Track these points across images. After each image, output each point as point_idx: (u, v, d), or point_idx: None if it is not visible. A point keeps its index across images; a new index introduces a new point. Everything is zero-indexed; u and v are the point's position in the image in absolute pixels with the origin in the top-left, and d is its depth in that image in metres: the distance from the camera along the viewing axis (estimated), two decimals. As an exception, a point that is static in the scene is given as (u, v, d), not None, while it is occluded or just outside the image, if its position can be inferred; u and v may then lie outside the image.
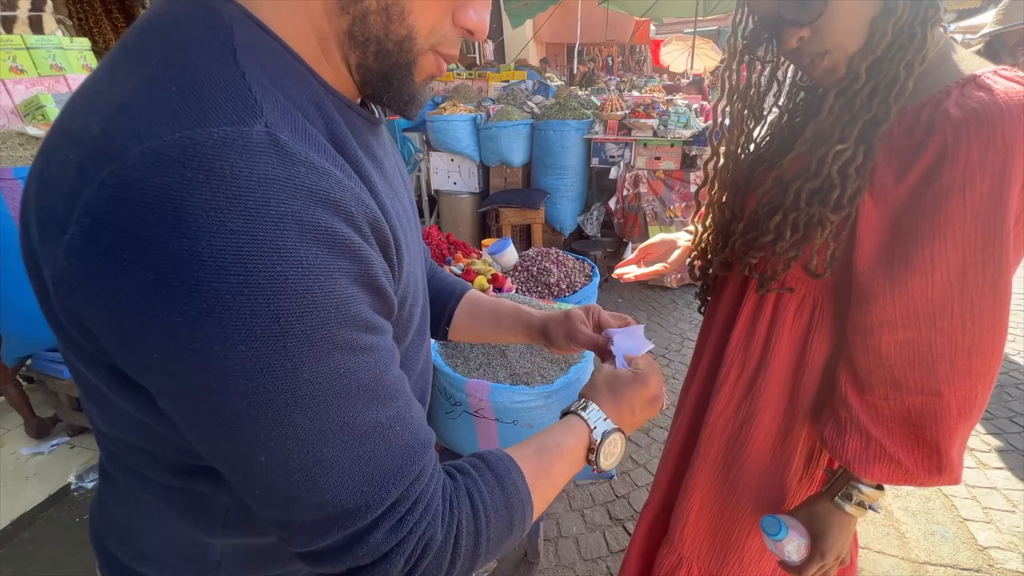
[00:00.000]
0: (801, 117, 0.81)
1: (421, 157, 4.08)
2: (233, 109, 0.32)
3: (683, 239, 1.01)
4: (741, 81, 0.80)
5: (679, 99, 4.15)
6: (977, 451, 2.07)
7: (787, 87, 0.82)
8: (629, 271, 1.00)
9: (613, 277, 1.03)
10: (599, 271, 2.48)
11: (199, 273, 0.29)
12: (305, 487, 0.35)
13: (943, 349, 0.63)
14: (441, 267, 0.78)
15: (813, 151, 0.68)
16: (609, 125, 3.58)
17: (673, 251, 1.00)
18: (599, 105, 3.79)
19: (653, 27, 11.87)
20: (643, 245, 1.05)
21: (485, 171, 3.89)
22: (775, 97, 0.81)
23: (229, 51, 0.34)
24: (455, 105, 3.82)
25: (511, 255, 2.40)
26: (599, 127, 3.63)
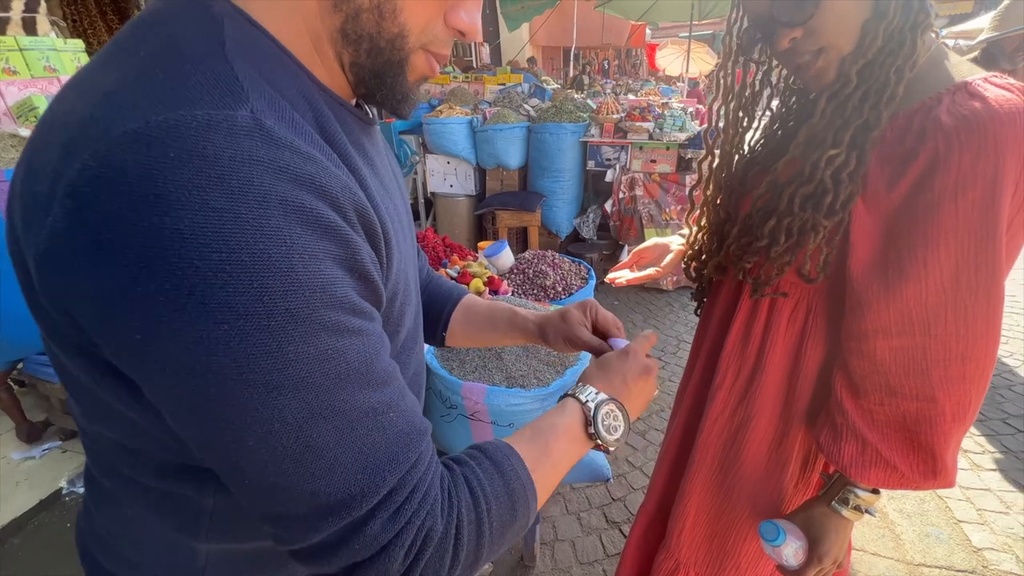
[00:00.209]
0: (794, 121, 0.81)
1: (417, 159, 4.08)
2: (219, 95, 0.32)
3: (676, 243, 1.01)
4: (736, 82, 0.80)
5: (674, 102, 4.17)
6: (971, 453, 2.08)
7: (781, 89, 0.82)
8: (622, 275, 1.00)
9: (606, 282, 1.03)
10: (595, 273, 2.48)
11: (180, 250, 0.29)
12: (296, 474, 0.34)
13: (937, 355, 0.63)
14: (438, 273, 0.78)
15: (806, 155, 0.68)
16: (605, 128, 3.59)
17: (666, 255, 1.00)
18: (595, 108, 3.81)
19: (649, 31, 11.93)
20: (636, 249, 1.05)
21: (481, 174, 3.89)
22: (768, 99, 0.82)
23: (218, 44, 0.34)
24: (451, 108, 3.82)
25: (507, 258, 2.40)
26: (595, 130, 3.64)
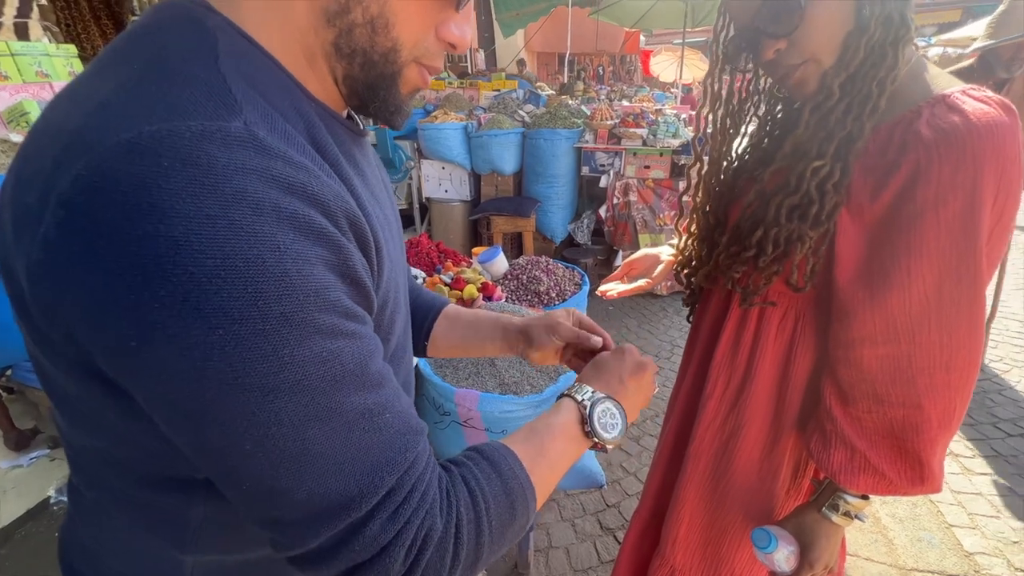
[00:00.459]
0: (780, 130, 0.82)
1: (412, 165, 4.08)
2: (213, 107, 0.32)
3: (666, 253, 1.02)
4: (723, 90, 0.81)
5: (668, 109, 4.20)
6: (961, 457, 2.09)
7: (766, 98, 0.83)
8: (613, 287, 1.00)
9: (597, 294, 1.04)
10: (589, 279, 2.49)
11: (175, 257, 0.29)
12: (294, 478, 0.34)
13: (922, 363, 0.64)
14: (420, 285, 0.80)
15: (792, 166, 0.69)
16: (599, 134, 3.61)
17: (657, 265, 1.01)
18: (589, 114, 3.83)
19: (643, 38, 12.02)
20: (626, 260, 1.05)
21: (476, 179, 3.90)
22: (754, 107, 0.82)
23: (212, 57, 0.35)
24: (446, 113, 3.83)
25: (501, 263, 2.40)
26: (589, 136, 3.66)
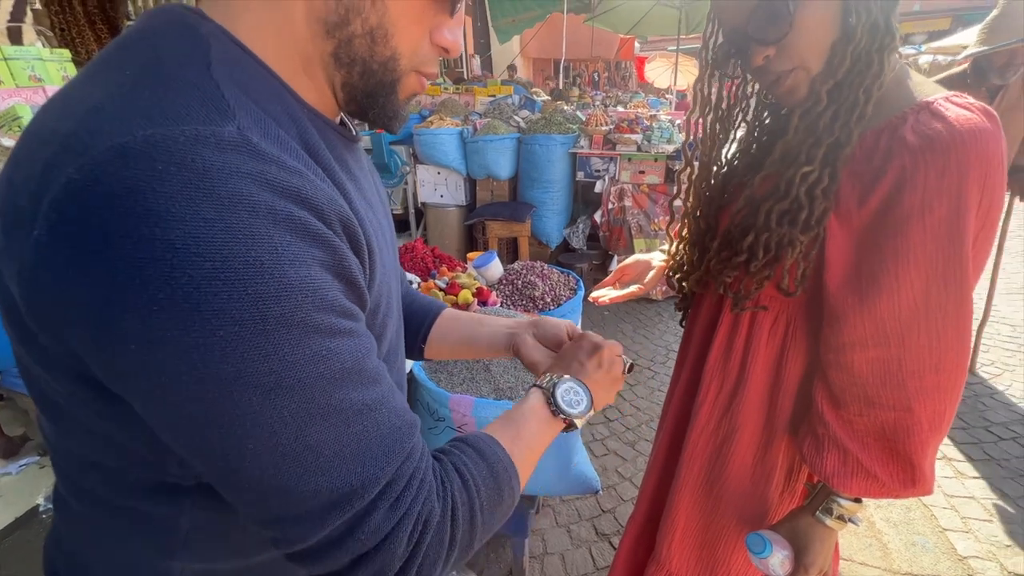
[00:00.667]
0: (768, 136, 0.83)
1: (408, 170, 4.09)
2: (206, 112, 0.32)
3: (657, 259, 1.02)
4: (713, 95, 0.81)
5: (662, 114, 4.23)
6: (955, 460, 2.10)
7: (754, 104, 0.84)
8: (605, 294, 1.00)
9: (589, 300, 1.04)
10: (585, 284, 2.49)
11: (173, 260, 0.29)
12: (297, 474, 0.34)
13: (912, 366, 0.64)
14: (416, 291, 0.81)
15: (782, 172, 0.70)
16: (594, 140, 3.64)
17: (648, 271, 1.01)
18: (584, 120, 3.85)
19: (638, 44, 12.13)
20: (618, 267, 1.06)
21: (472, 184, 3.91)
22: (743, 113, 0.83)
23: (204, 63, 0.35)
24: (442, 119, 3.84)
25: (496, 268, 2.40)
26: (584, 141, 3.68)
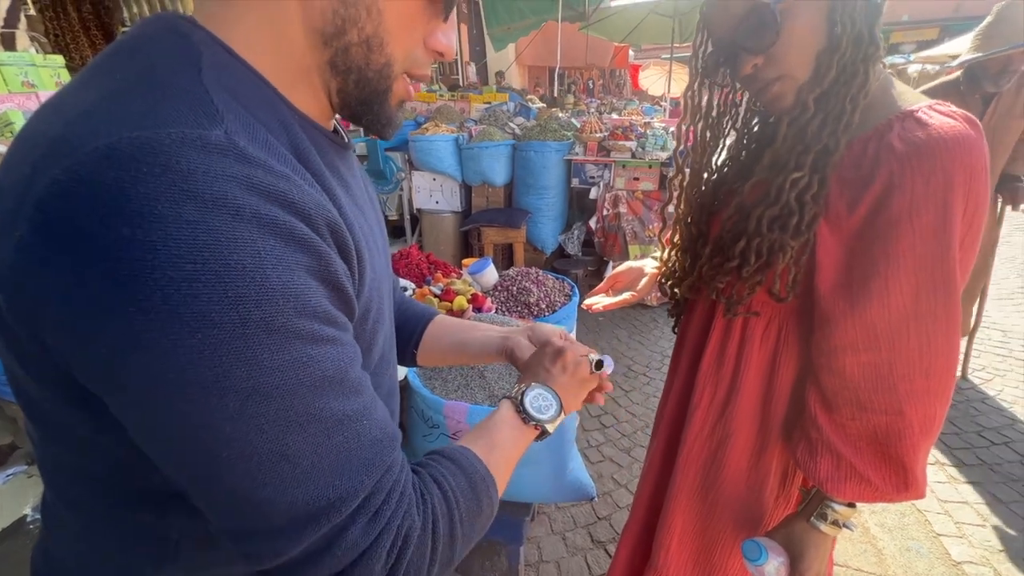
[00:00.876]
0: (758, 143, 0.84)
1: (403, 176, 4.09)
2: (194, 116, 0.32)
3: (650, 266, 1.03)
4: (703, 103, 0.82)
5: (656, 122, 4.27)
6: (948, 466, 2.11)
7: (743, 112, 0.84)
8: (598, 301, 1.01)
9: (582, 308, 1.04)
10: (580, 290, 2.49)
11: (153, 261, 0.28)
12: (273, 483, 0.33)
13: (903, 370, 0.65)
14: (410, 298, 0.82)
15: (771, 178, 0.71)
16: (589, 146, 3.66)
17: (640, 279, 1.01)
18: (579, 127, 3.88)
19: (632, 52, 12.24)
20: (611, 274, 1.06)
21: (467, 190, 3.92)
22: (732, 120, 0.84)
23: (195, 69, 0.35)
24: (437, 125, 3.86)
25: (491, 275, 2.40)
26: (579, 148, 3.71)
